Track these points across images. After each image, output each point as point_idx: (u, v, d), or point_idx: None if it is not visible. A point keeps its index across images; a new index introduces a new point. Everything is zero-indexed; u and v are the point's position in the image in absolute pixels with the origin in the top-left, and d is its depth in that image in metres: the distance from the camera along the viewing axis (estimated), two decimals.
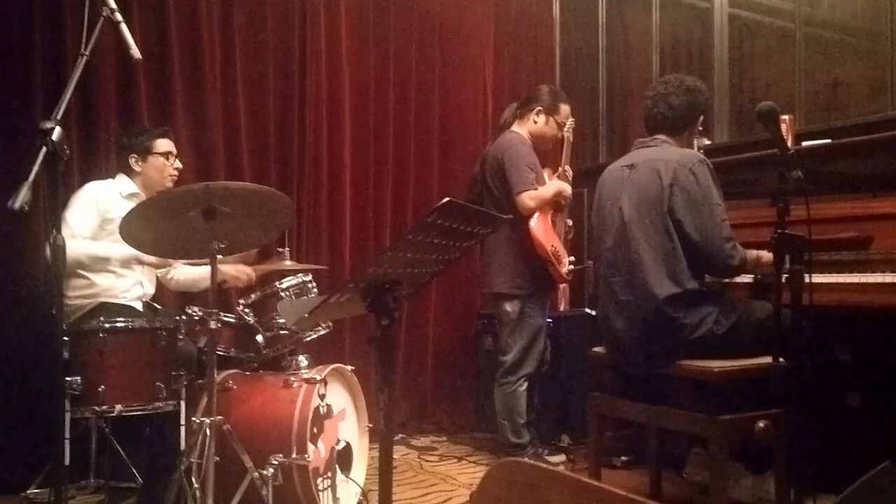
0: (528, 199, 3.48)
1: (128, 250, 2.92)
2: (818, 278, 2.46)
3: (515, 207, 3.48)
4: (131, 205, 2.74)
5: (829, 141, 3.11)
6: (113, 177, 3.17)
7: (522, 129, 3.70)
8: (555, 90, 3.85)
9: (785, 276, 2.10)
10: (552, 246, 3.52)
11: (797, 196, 2.14)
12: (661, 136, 2.79)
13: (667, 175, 2.60)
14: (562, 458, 3.81)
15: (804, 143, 3.21)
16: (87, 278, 3.02)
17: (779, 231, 2.12)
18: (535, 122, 3.69)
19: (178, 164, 3.22)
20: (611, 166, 2.90)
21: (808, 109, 4.04)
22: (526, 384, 3.62)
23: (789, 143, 3.08)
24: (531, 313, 3.59)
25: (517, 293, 3.59)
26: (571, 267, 3.63)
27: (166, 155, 3.17)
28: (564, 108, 3.73)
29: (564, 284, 4.39)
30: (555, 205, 3.64)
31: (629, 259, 2.65)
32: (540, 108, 3.69)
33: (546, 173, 3.85)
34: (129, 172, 3.16)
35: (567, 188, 3.63)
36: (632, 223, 2.66)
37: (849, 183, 2.99)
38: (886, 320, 2.56)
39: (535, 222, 3.49)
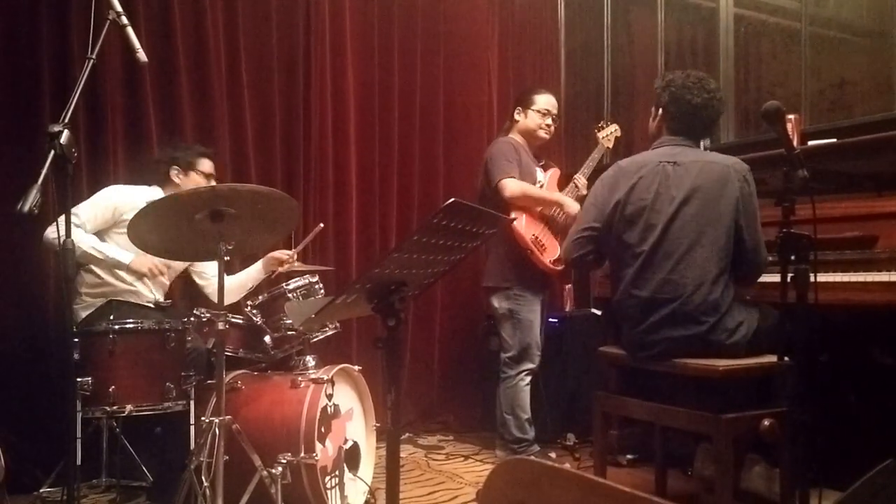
0: (509, 183, 3.57)
1: (119, 257, 2.96)
2: (823, 277, 2.46)
3: (501, 199, 3.56)
4: None
5: (834, 140, 3.10)
6: (149, 185, 3.22)
7: (512, 134, 3.85)
8: (530, 87, 4.10)
9: (790, 275, 2.11)
10: (533, 235, 3.59)
11: (803, 195, 2.14)
12: (685, 139, 2.75)
13: (734, 179, 2.59)
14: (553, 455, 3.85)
15: (810, 143, 3.21)
16: (99, 276, 3.05)
17: (784, 230, 2.12)
18: (518, 120, 3.84)
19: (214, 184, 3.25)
20: (637, 159, 2.77)
21: (814, 109, 4.03)
22: (528, 379, 3.65)
23: (795, 143, 3.08)
24: (519, 309, 3.64)
25: (504, 286, 3.67)
26: (559, 256, 3.65)
27: (207, 176, 3.25)
28: (541, 98, 3.84)
29: (568, 285, 4.42)
30: (549, 216, 3.69)
31: (674, 255, 2.56)
32: (518, 106, 3.86)
33: (552, 173, 3.88)
34: (166, 183, 3.21)
35: (570, 206, 3.64)
36: (686, 220, 2.57)
37: (854, 182, 2.99)
38: (891, 319, 2.56)
39: (515, 214, 3.55)
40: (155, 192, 3.18)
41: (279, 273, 3.37)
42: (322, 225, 3.32)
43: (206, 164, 3.27)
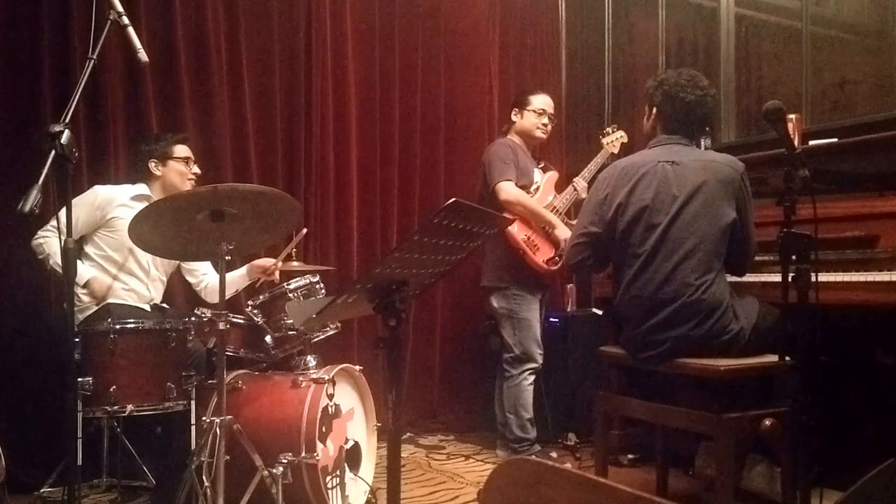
0: (505, 187, 3.61)
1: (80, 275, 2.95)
2: (824, 277, 2.46)
3: (497, 202, 3.59)
4: (139, 206, 2.77)
5: (835, 140, 3.11)
6: (133, 183, 3.21)
7: (510, 135, 3.88)
8: (525, 88, 4.17)
9: (791, 275, 2.11)
10: (526, 236, 3.62)
11: (804, 195, 2.15)
12: (681, 138, 2.73)
13: (735, 177, 2.60)
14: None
15: (811, 142, 3.21)
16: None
17: (785, 230, 2.12)
18: (515, 122, 3.89)
19: (197, 170, 3.28)
20: (635, 160, 2.75)
21: (815, 108, 4.02)
22: (532, 378, 3.66)
23: (796, 142, 3.08)
24: (518, 308, 3.68)
25: (501, 286, 3.71)
26: (553, 256, 3.66)
27: (185, 160, 3.24)
28: (536, 98, 3.88)
29: (570, 285, 4.42)
30: (543, 231, 3.70)
31: (676, 255, 2.55)
32: (514, 108, 3.90)
33: (550, 176, 3.89)
34: (149, 178, 3.20)
35: (561, 231, 3.64)
36: (688, 219, 2.55)
37: (855, 182, 2.99)
38: (893, 319, 2.56)
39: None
40: (140, 189, 3.17)
41: (266, 280, 3.35)
42: (305, 230, 3.29)
43: (182, 150, 3.25)
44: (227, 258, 2.47)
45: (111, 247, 3.06)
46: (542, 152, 4.11)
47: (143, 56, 2.39)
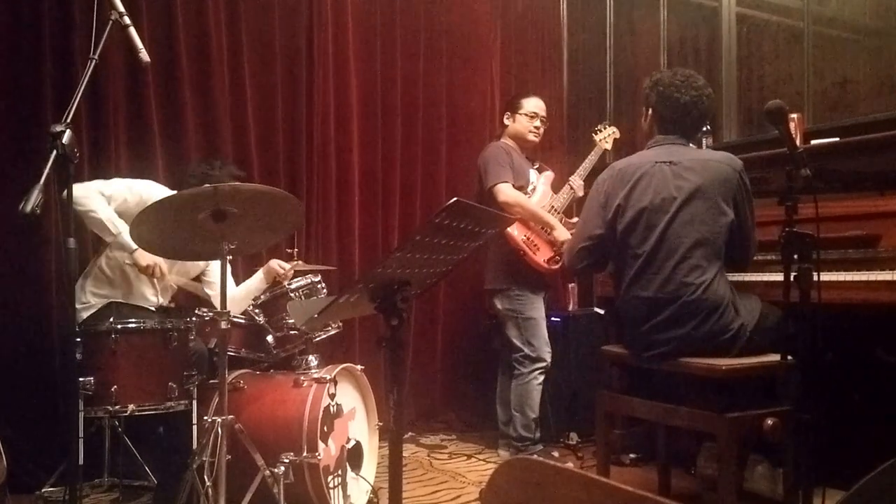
0: (503, 189, 3.63)
1: (129, 241, 2.85)
2: (826, 276, 2.46)
3: (495, 204, 3.60)
4: None
5: (837, 139, 3.11)
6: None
7: (504, 138, 3.92)
8: (518, 92, 4.22)
9: (794, 274, 2.10)
10: (525, 237, 3.64)
11: (805, 194, 2.15)
12: (678, 138, 2.73)
13: (733, 175, 2.59)
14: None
15: (812, 142, 3.21)
16: (107, 275, 3.05)
17: (787, 229, 2.12)
18: (507, 126, 3.92)
19: None
20: (633, 160, 2.74)
21: (817, 108, 4.03)
22: (542, 378, 3.66)
23: (798, 142, 3.07)
24: (523, 308, 3.69)
25: (503, 288, 3.73)
26: (553, 255, 3.67)
27: None
28: (528, 102, 3.91)
29: (571, 284, 4.42)
30: (542, 231, 3.71)
31: (676, 255, 2.54)
32: (507, 111, 3.94)
33: (547, 176, 3.90)
34: None
35: (560, 233, 3.66)
36: (687, 219, 2.55)
37: (857, 181, 2.99)
38: (894, 318, 2.56)
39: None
40: None
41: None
42: (296, 251, 3.34)
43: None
44: (228, 258, 2.47)
45: None
46: (543, 153, 4.11)
47: (144, 56, 2.39)
